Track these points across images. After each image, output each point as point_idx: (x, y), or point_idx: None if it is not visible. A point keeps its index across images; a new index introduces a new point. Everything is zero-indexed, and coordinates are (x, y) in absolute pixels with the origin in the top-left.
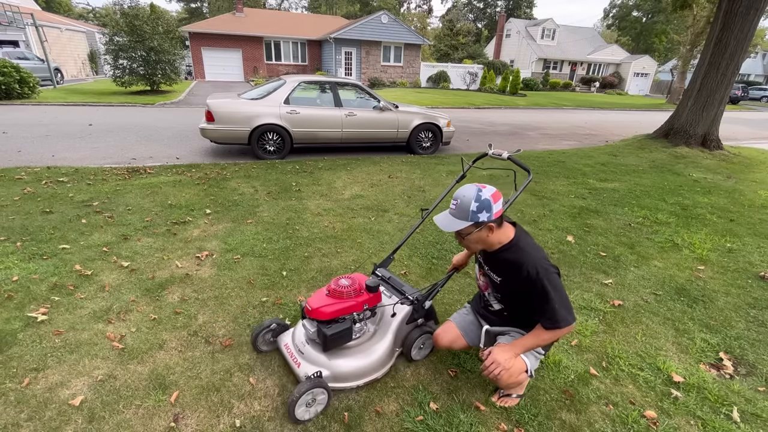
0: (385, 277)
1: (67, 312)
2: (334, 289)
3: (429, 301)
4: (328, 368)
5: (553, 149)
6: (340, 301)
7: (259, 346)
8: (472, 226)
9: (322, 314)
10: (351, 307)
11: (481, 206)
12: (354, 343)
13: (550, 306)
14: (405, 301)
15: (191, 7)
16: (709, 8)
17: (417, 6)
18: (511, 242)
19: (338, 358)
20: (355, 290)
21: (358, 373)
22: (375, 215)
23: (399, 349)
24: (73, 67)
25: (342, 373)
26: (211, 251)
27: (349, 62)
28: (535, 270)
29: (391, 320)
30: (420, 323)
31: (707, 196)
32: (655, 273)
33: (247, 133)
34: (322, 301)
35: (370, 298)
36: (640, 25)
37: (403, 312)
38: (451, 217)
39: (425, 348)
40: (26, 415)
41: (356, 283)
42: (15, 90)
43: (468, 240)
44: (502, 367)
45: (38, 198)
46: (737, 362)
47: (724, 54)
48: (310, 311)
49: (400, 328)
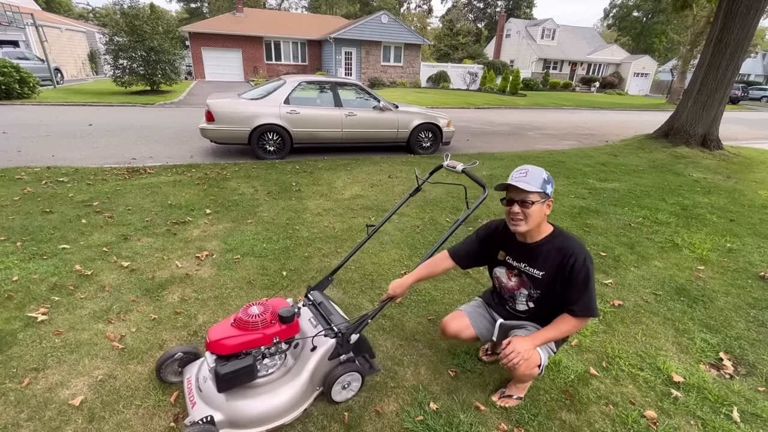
0: (317, 301)
1: (67, 312)
2: (240, 318)
3: (356, 335)
4: (224, 412)
5: (553, 149)
6: (245, 333)
7: (164, 376)
8: (540, 195)
9: (221, 347)
10: (256, 341)
11: (549, 179)
12: (263, 381)
13: (587, 293)
14: (328, 332)
15: (191, 7)
16: (709, 8)
17: (417, 6)
18: (554, 233)
19: (239, 400)
20: (265, 320)
21: (262, 418)
22: (375, 215)
23: (320, 389)
24: (73, 67)
25: (241, 418)
26: (211, 251)
27: (349, 62)
28: (583, 256)
29: (310, 355)
30: (344, 360)
31: (707, 196)
32: (655, 273)
33: (247, 133)
34: (224, 333)
35: (283, 330)
36: (640, 25)
37: (325, 346)
38: (523, 182)
39: (350, 389)
40: (26, 415)
41: (268, 311)
42: (15, 90)
43: (531, 211)
44: (522, 356)
45: (38, 198)
46: (737, 362)
47: (724, 54)
48: (208, 344)
49: (319, 365)
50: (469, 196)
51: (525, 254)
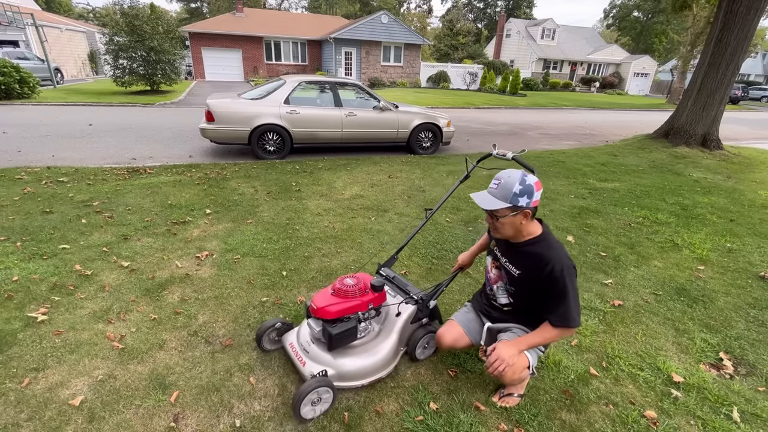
0: (390, 276)
1: (67, 312)
2: (339, 288)
3: (433, 301)
4: (334, 367)
5: (553, 149)
6: (345, 300)
7: (263, 344)
8: (509, 209)
9: (327, 313)
10: (356, 307)
11: (524, 191)
12: (359, 343)
13: (565, 305)
14: (410, 300)
15: (191, 7)
16: (709, 8)
17: (417, 6)
18: (539, 236)
19: (343, 357)
20: (360, 289)
21: (363, 372)
22: (375, 215)
23: (403, 349)
24: (73, 67)
25: (347, 372)
26: (211, 251)
27: (349, 62)
28: (561, 268)
29: (395, 320)
30: (424, 323)
31: (707, 196)
32: (655, 273)
33: (247, 133)
34: (327, 301)
35: (375, 297)
36: (640, 25)
37: (408, 311)
38: (489, 195)
39: (429, 348)
40: (26, 415)
41: (361, 282)
42: (15, 90)
43: (501, 223)
44: (507, 363)
45: (38, 198)
46: (737, 362)
47: (724, 54)
48: (315, 310)
49: (404, 328)
50: None
51: (508, 250)
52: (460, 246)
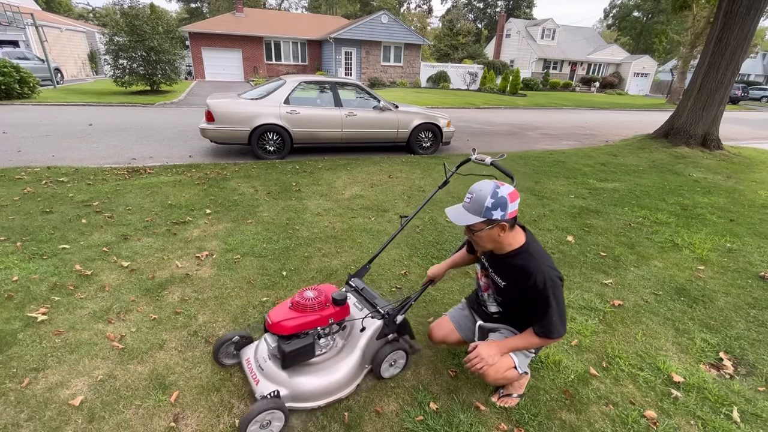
0: (359, 288)
1: (67, 312)
2: (297, 301)
3: (401, 316)
4: (288, 387)
5: (553, 149)
6: (303, 314)
7: (220, 359)
8: (484, 223)
9: (282, 328)
10: (314, 322)
11: (497, 203)
12: (319, 360)
13: (548, 317)
14: (375, 315)
15: (191, 7)
16: (709, 8)
17: (417, 6)
18: (522, 248)
19: (300, 376)
20: (320, 303)
21: (321, 393)
22: (375, 215)
23: (368, 366)
24: (73, 67)
25: (302, 393)
26: (211, 251)
27: (349, 62)
28: (543, 280)
29: (359, 335)
30: (391, 339)
31: (707, 196)
32: (655, 273)
33: (247, 133)
34: (284, 315)
35: (337, 311)
36: (640, 25)
37: (373, 327)
38: (463, 210)
39: (396, 366)
40: (26, 415)
41: (322, 295)
42: (15, 90)
43: (478, 237)
44: (485, 362)
45: (38, 198)
46: (737, 362)
47: (724, 54)
48: (271, 325)
49: (369, 344)
50: None
51: (494, 261)
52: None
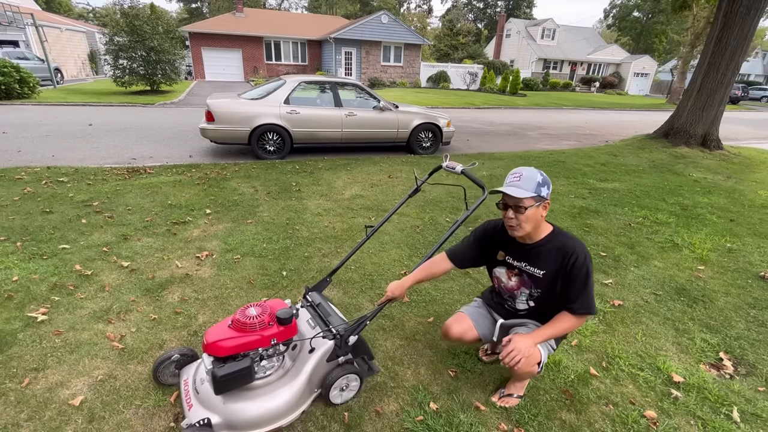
0: (315, 303)
1: (67, 312)
2: (237, 319)
3: (354, 336)
4: (221, 414)
5: (553, 149)
6: (243, 334)
7: (160, 378)
8: (534, 199)
9: (218, 349)
10: (254, 342)
11: (545, 181)
12: (261, 383)
13: (587, 291)
14: (327, 334)
15: (191, 7)
16: (709, 8)
17: (417, 6)
18: (553, 232)
19: (236, 402)
20: (262, 322)
21: (259, 421)
22: (375, 215)
23: (317, 391)
24: (73, 67)
25: (238, 421)
26: (211, 251)
27: (349, 62)
28: (583, 255)
29: (308, 357)
30: (342, 361)
31: (707, 196)
32: (655, 273)
33: (247, 133)
34: (221, 334)
35: (281, 331)
36: (640, 25)
37: (323, 348)
38: (514, 187)
39: (348, 390)
40: (26, 415)
41: (266, 312)
42: (15, 90)
43: (526, 216)
44: (523, 354)
45: (38, 198)
46: (737, 362)
47: (724, 54)
48: (205, 345)
49: (317, 367)
50: (469, 197)
51: (525, 254)
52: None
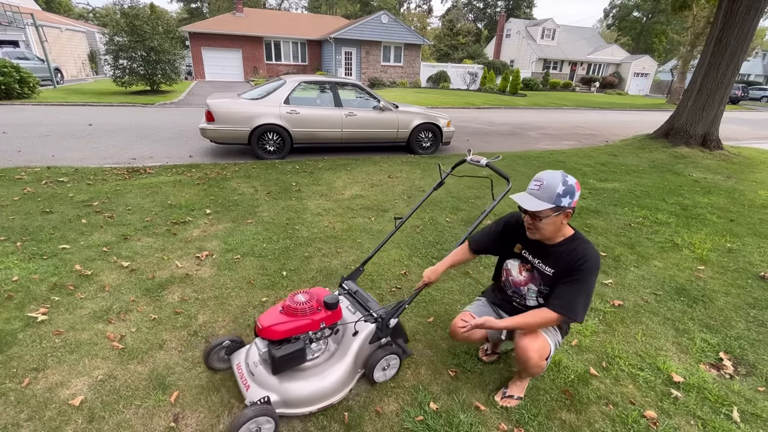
0: (352, 291)
1: (67, 312)
2: (288, 305)
3: (394, 319)
4: (278, 393)
5: (553, 149)
6: (294, 319)
7: (211, 363)
8: (553, 210)
9: (273, 333)
10: (305, 326)
11: (567, 191)
12: (310, 364)
13: (576, 293)
14: (368, 318)
15: (191, 7)
16: (709, 8)
17: (417, 6)
18: (574, 235)
19: (290, 382)
20: (312, 307)
21: (312, 398)
22: (375, 215)
23: (361, 371)
24: (73, 67)
25: (293, 399)
26: (211, 251)
27: (349, 62)
28: (591, 264)
29: (352, 339)
30: (384, 343)
31: (707, 196)
32: (655, 273)
33: (247, 133)
34: (274, 319)
35: (329, 315)
36: (640, 25)
37: (366, 330)
38: (531, 197)
39: (390, 369)
40: (26, 415)
41: (314, 299)
42: (15, 90)
43: (543, 224)
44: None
45: (38, 198)
46: (737, 362)
47: (724, 54)
48: (261, 330)
49: (361, 348)
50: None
51: (541, 251)
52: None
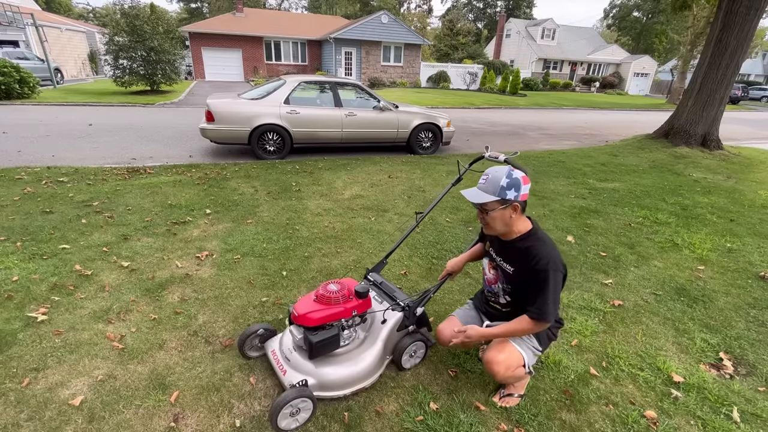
0: (377, 282)
1: (67, 312)
2: (322, 294)
3: (421, 308)
4: (315, 377)
5: (553, 149)
6: (328, 307)
7: (246, 351)
8: (498, 202)
9: (308, 320)
10: (339, 314)
11: (511, 183)
12: (342, 351)
13: (543, 298)
14: (396, 307)
15: (191, 7)
16: (709, 8)
17: (417, 6)
18: (529, 232)
19: (325, 366)
20: (344, 296)
21: (346, 382)
22: (375, 215)
23: (389, 357)
24: (73, 67)
25: (329, 382)
26: (211, 251)
27: (349, 62)
28: (546, 261)
29: (381, 327)
30: (411, 330)
31: (707, 196)
32: (655, 273)
33: (247, 133)
34: (309, 307)
35: (360, 304)
36: (640, 25)
37: (394, 319)
38: (478, 191)
39: (416, 356)
40: (26, 415)
41: (345, 288)
42: (15, 90)
43: (491, 217)
44: (465, 340)
45: (38, 198)
46: (737, 362)
47: (724, 54)
48: (297, 317)
49: (390, 336)
50: None
51: (502, 249)
52: (460, 246)
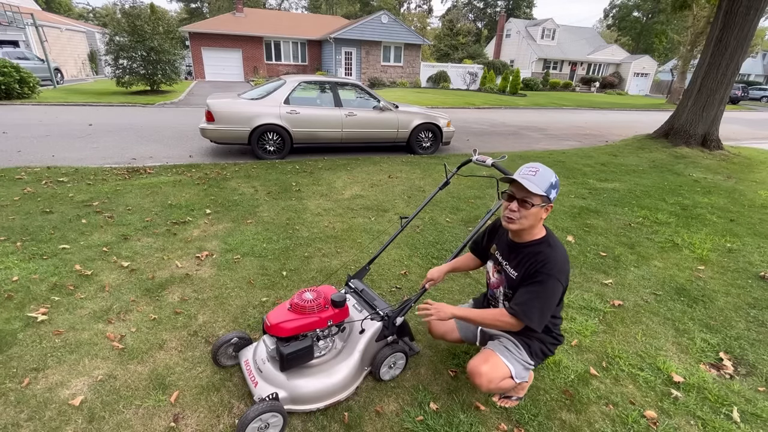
0: (358, 289)
1: (67, 312)
2: (296, 303)
3: (401, 318)
4: (286, 389)
5: (553, 149)
6: (302, 316)
7: (219, 360)
8: (542, 198)
9: (281, 330)
10: (313, 324)
11: (556, 184)
12: (317, 362)
13: (531, 297)
14: (375, 316)
15: (191, 7)
16: (709, 8)
17: (417, 6)
18: (543, 238)
19: (298, 378)
20: (319, 305)
21: (320, 395)
22: (375, 215)
23: (368, 368)
24: (73, 67)
25: (301, 395)
26: (211, 251)
27: (349, 62)
28: (552, 267)
29: (359, 337)
30: (390, 341)
31: (707, 196)
32: (655, 273)
33: (247, 133)
34: (283, 317)
35: (336, 313)
36: (640, 25)
37: (373, 329)
38: (529, 181)
39: (396, 367)
40: (26, 415)
41: (321, 297)
42: (15, 90)
43: (527, 213)
44: (435, 309)
45: (38, 198)
46: (737, 362)
47: (724, 54)
48: (269, 327)
49: (368, 346)
50: None
51: (510, 252)
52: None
